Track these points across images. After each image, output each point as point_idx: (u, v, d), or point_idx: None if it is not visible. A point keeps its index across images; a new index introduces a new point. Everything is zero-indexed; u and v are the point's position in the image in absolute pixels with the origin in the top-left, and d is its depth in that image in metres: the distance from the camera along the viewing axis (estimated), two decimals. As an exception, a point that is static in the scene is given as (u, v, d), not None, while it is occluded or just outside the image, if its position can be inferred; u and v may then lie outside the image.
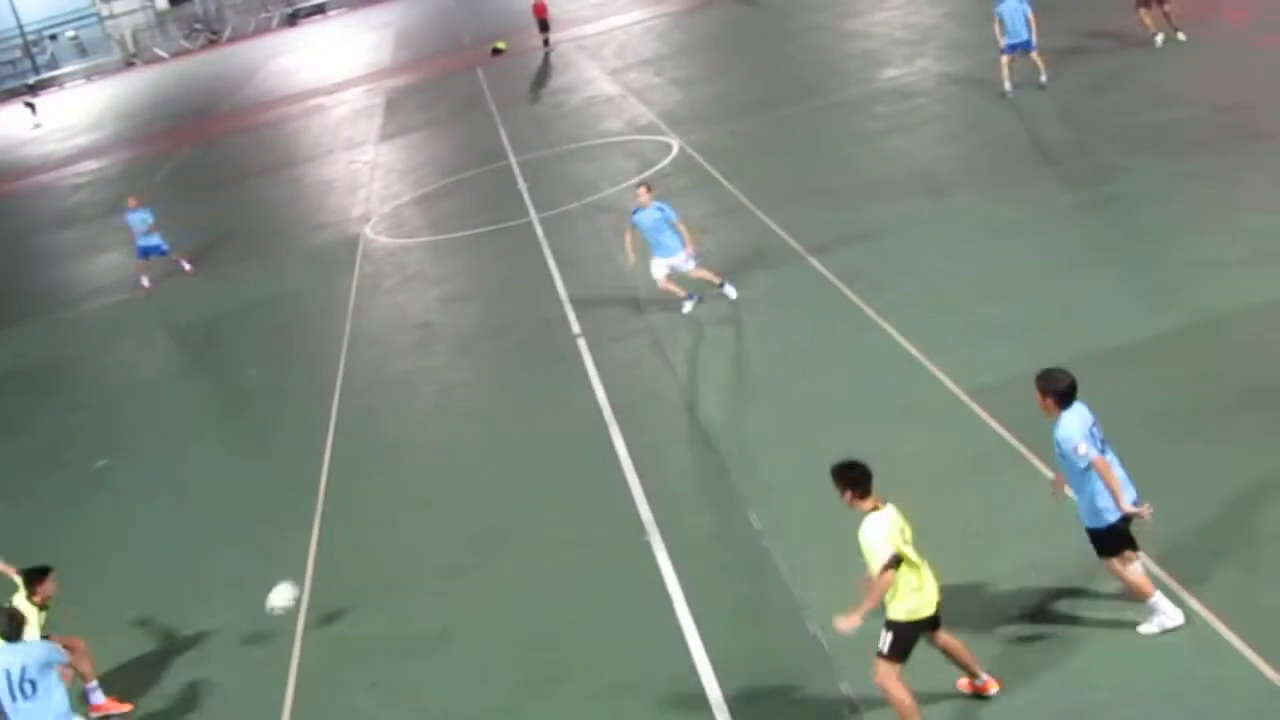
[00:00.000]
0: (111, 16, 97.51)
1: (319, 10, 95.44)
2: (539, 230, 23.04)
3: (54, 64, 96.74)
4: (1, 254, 35.69)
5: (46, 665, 10.09)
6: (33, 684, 10.01)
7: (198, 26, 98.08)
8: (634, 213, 17.06)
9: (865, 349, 14.83)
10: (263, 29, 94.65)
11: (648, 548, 11.82)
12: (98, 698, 11.71)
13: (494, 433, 15.48)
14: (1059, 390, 8.72)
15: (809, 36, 36.01)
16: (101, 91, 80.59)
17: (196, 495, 16.10)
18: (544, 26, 47.32)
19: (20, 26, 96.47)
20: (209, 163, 42.18)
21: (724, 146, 25.64)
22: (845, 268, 17.19)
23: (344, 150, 37.20)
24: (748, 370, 15.41)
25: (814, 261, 17.76)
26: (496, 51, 48.51)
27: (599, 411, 15.01)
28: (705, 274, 17.11)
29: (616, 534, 12.34)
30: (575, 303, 18.76)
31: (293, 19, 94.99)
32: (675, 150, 26.23)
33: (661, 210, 16.81)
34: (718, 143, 26.04)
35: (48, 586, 11.25)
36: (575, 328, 17.71)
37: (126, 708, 11.75)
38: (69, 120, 67.28)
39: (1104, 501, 8.76)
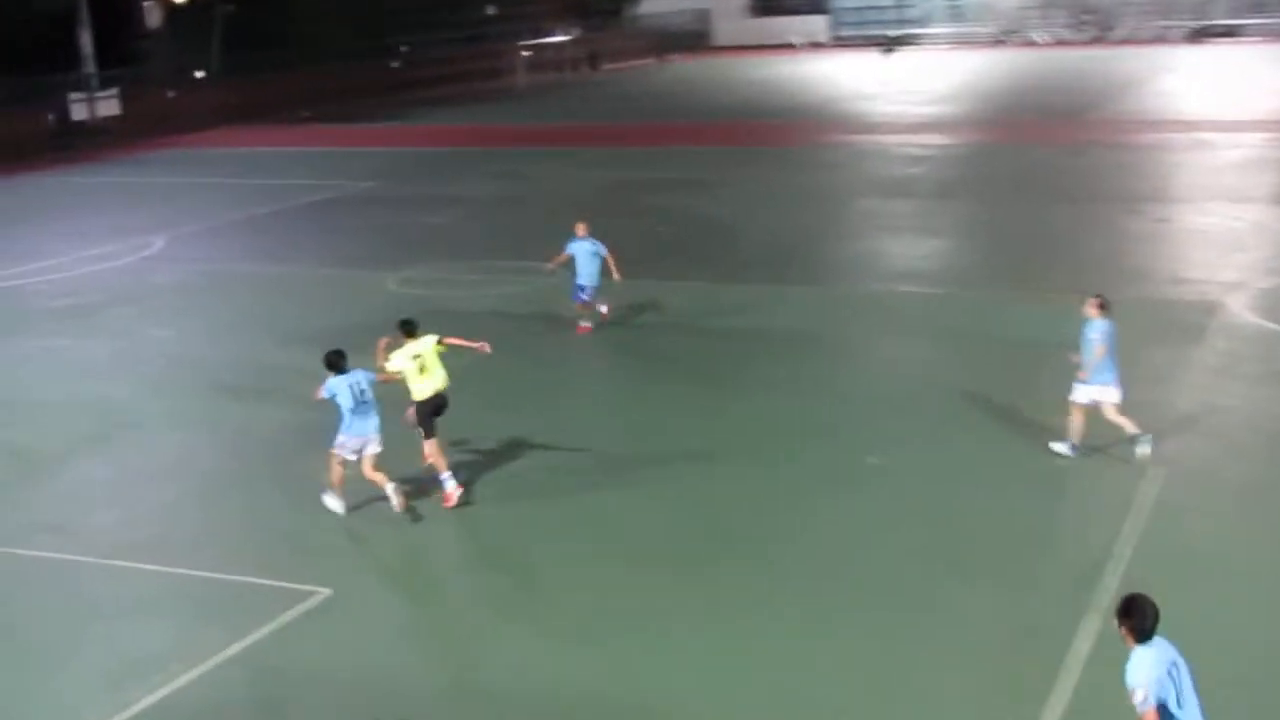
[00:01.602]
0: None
1: (1230, 32, 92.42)
2: None
3: (923, 21, 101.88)
4: (823, 213, 37.24)
5: (371, 382, 16.41)
6: (363, 391, 16.23)
7: (1087, 19, 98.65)
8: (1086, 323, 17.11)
9: None
10: (1159, 38, 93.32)
11: None
12: (450, 485, 16.63)
13: None
14: (1139, 627, 8.82)
15: None
16: (962, 63, 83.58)
17: (953, 526, 15.82)
18: None
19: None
20: (1063, 170, 42.01)
21: None
22: None
23: (1225, 201, 35.23)
24: None
25: None
26: None
27: None
28: (1123, 420, 16.89)
29: None
30: None
31: (1197, 35, 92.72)
32: None
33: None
34: None
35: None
36: None
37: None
38: (922, 85, 70.31)
39: None
